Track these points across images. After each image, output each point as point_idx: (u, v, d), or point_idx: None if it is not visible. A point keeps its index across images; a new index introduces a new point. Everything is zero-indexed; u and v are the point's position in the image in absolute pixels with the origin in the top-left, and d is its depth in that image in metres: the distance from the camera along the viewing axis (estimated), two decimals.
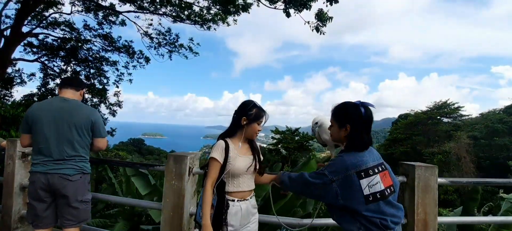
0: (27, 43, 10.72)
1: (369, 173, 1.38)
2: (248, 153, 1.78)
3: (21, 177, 2.78)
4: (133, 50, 11.68)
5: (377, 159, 1.46)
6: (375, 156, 1.47)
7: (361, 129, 1.45)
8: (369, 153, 1.46)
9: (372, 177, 1.39)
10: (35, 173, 2.00)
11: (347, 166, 1.39)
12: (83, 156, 2.08)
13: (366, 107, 1.48)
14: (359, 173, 1.38)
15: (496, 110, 27.70)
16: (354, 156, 1.42)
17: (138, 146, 47.50)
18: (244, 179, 1.74)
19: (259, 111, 1.76)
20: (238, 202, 1.70)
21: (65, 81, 2.21)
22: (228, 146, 1.71)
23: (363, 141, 1.45)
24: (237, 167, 1.69)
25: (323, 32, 7.66)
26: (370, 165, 1.40)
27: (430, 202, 2.12)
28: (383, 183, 1.40)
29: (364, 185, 1.37)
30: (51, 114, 2.01)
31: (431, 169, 2.14)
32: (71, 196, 1.99)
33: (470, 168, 20.16)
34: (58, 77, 11.52)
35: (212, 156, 1.69)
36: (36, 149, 2.03)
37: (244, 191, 1.73)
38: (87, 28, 11.14)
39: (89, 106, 2.29)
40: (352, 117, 1.47)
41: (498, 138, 22.80)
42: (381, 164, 1.46)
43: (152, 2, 10.12)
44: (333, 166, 1.43)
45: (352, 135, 1.47)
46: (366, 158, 1.42)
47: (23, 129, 2.08)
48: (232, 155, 1.70)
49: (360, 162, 1.40)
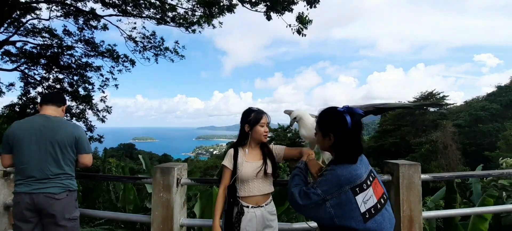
0: (4, 51, 10.30)
1: (363, 187, 1.26)
2: (257, 158, 1.85)
3: (4, 197, 2.68)
4: (117, 54, 11.39)
5: (367, 167, 1.34)
6: (365, 162, 1.36)
7: (347, 138, 1.30)
8: (361, 162, 1.33)
9: (366, 191, 1.26)
10: (19, 194, 1.95)
11: (341, 182, 1.25)
12: (69, 173, 2.04)
13: (353, 114, 1.32)
14: (354, 189, 1.24)
15: (479, 98, 28.72)
16: (348, 169, 1.28)
17: (129, 151, 46.65)
18: (255, 183, 1.79)
19: (257, 114, 1.85)
20: (252, 209, 1.75)
21: (46, 98, 2.16)
22: (236, 153, 1.83)
23: (352, 152, 1.31)
24: (244, 172, 1.77)
25: (304, 34, 7.78)
26: (364, 178, 1.27)
27: (415, 199, 2.18)
28: (376, 195, 1.28)
29: (359, 202, 1.23)
30: (33, 133, 1.96)
31: (414, 167, 2.20)
32: (58, 215, 1.95)
33: (456, 155, 20.85)
34: (40, 85, 11.13)
35: (223, 163, 1.84)
36: (19, 169, 1.98)
37: (256, 195, 1.78)
38: (67, 33, 10.79)
39: (72, 123, 2.24)
40: (335, 126, 1.33)
41: (481, 125, 23.67)
42: (371, 173, 1.34)
43: (135, 6, 9.91)
44: (325, 184, 1.28)
45: (338, 145, 1.33)
46: (360, 170, 1.28)
47: (4, 149, 2.02)
48: (239, 161, 1.80)
49: (354, 176, 1.26)
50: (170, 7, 9.78)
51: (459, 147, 21.96)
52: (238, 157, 1.82)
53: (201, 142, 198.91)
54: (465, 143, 23.57)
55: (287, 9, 7.36)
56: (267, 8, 7.65)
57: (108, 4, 9.80)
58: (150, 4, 9.83)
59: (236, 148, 1.87)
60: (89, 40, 11.06)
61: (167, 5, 9.76)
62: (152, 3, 9.75)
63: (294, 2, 7.35)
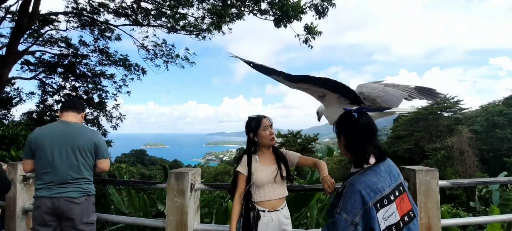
0: (24, 61, 10.76)
1: (384, 202, 1.11)
2: (271, 163, 1.86)
3: (23, 201, 2.77)
4: (129, 63, 11.72)
5: (394, 180, 1.19)
6: (393, 174, 1.19)
7: (358, 139, 1.21)
8: (384, 172, 1.18)
9: (388, 207, 1.12)
10: (40, 198, 2.01)
11: (363, 196, 1.10)
12: (88, 178, 2.10)
13: (363, 113, 1.24)
14: (376, 205, 1.10)
15: (496, 102, 27.73)
16: (366, 183, 1.13)
17: (141, 157, 47.39)
18: (270, 188, 1.80)
19: (257, 120, 1.87)
20: (269, 213, 1.76)
21: (66, 104, 2.24)
22: (250, 159, 1.85)
23: (364, 155, 1.20)
24: (259, 177, 1.78)
25: (311, 45, 7.75)
26: (386, 192, 1.14)
27: (433, 206, 2.12)
28: (399, 212, 1.14)
29: (380, 219, 1.10)
30: (54, 138, 2.03)
31: (431, 173, 2.14)
32: (77, 218, 2.00)
33: (473, 161, 20.11)
34: (57, 93, 11.53)
35: (237, 169, 1.85)
36: (40, 174, 2.04)
37: (272, 199, 1.79)
38: (83, 43, 11.20)
39: (91, 129, 2.32)
40: (344, 126, 1.27)
41: (498, 131, 22.79)
42: (399, 186, 1.18)
43: (146, 15, 10.20)
44: (347, 203, 1.11)
45: (349, 147, 1.25)
46: (381, 183, 1.14)
47: (26, 154, 2.10)
48: (254, 166, 1.82)
49: (375, 189, 1.12)
50: (180, 16, 10.02)
51: (476, 153, 21.17)
52: (252, 163, 1.83)
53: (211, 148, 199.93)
54: (482, 149, 22.70)
55: (296, 19, 7.36)
56: (276, 20, 7.69)
57: (120, 14, 10.14)
58: (161, 14, 10.11)
59: (249, 154, 1.88)
60: (103, 49, 11.44)
61: (178, 14, 10.00)
62: (163, 12, 10.02)
63: (303, 12, 7.36)
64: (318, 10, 7.28)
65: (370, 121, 1.25)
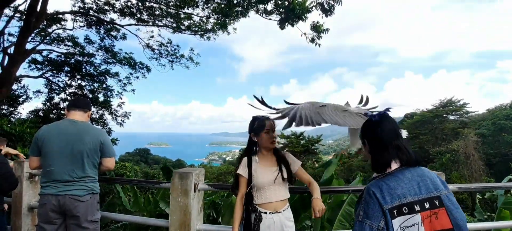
0: (31, 59, 10.91)
1: (403, 210, 1.03)
2: (271, 165, 1.84)
3: (29, 198, 2.80)
4: (134, 61, 11.82)
5: (427, 191, 1.08)
6: (425, 185, 1.09)
7: (378, 143, 1.16)
8: (412, 180, 1.09)
9: (408, 217, 1.03)
10: (46, 195, 2.02)
11: (379, 199, 1.06)
12: (92, 177, 2.11)
13: (385, 116, 1.19)
14: (392, 211, 1.04)
15: (503, 106, 27.32)
16: (382, 186, 1.09)
17: (144, 156, 47.70)
18: (272, 190, 1.78)
19: (260, 122, 1.83)
20: (270, 215, 1.73)
21: (73, 103, 2.24)
22: (250, 161, 1.82)
23: (383, 159, 1.13)
24: (260, 179, 1.76)
25: (318, 44, 7.67)
26: (408, 200, 1.05)
27: None
28: (427, 227, 1.02)
29: (395, 226, 1.02)
30: (60, 136, 2.04)
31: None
32: (81, 216, 2.01)
33: (479, 166, 19.80)
34: (63, 92, 11.68)
35: (238, 172, 1.82)
36: (46, 171, 2.06)
37: (274, 201, 1.76)
38: (88, 42, 11.31)
39: (97, 127, 2.33)
40: (367, 131, 1.22)
41: (506, 135, 22.44)
42: (433, 199, 1.06)
43: (151, 14, 10.27)
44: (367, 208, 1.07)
45: (371, 152, 1.20)
46: (401, 189, 1.07)
47: (33, 152, 2.11)
48: (254, 168, 1.80)
49: (392, 194, 1.06)
50: (186, 16, 10.07)
51: (482, 157, 20.85)
52: (252, 165, 1.81)
53: (214, 148, 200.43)
54: (489, 153, 22.37)
55: (301, 19, 7.30)
56: (281, 20, 7.64)
57: (126, 13, 10.23)
58: (166, 13, 10.17)
59: (249, 156, 1.86)
60: (109, 48, 11.55)
61: (183, 13, 10.05)
62: (169, 12, 10.08)
63: (309, 11, 7.31)
64: (324, 9, 7.22)
65: (393, 125, 1.18)
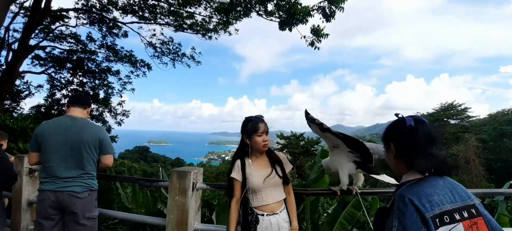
0: (35, 55, 10.97)
1: (445, 219, 0.93)
2: (265, 166, 1.81)
3: (28, 193, 2.82)
4: (135, 59, 11.85)
5: (461, 199, 1.00)
6: (458, 193, 1.01)
7: (413, 146, 1.04)
8: (445, 187, 1.01)
9: (450, 226, 0.93)
10: (44, 191, 2.03)
11: (418, 207, 0.94)
12: (91, 173, 2.12)
13: (418, 120, 1.08)
14: (435, 220, 0.93)
15: (505, 111, 27.23)
16: (418, 192, 0.98)
17: (144, 154, 47.76)
18: (267, 192, 1.76)
19: (253, 124, 1.79)
20: (268, 217, 1.73)
21: (72, 99, 2.25)
22: (244, 164, 1.79)
23: (421, 162, 1.02)
24: (255, 182, 1.74)
25: (318, 47, 7.67)
26: (447, 208, 0.96)
27: None
28: None
29: None
30: (60, 133, 2.05)
31: None
32: (79, 213, 2.02)
33: (479, 171, 19.75)
34: (65, 88, 11.73)
35: (232, 176, 1.79)
36: (45, 167, 2.07)
37: (270, 203, 1.75)
38: (90, 39, 11.36)
39: (96, 124, 2.34)
40: (396, 134, 1.11)
41: (507, 140, 22.36)
42: (470, 208, 0.98)
43: (153, 13, 10.29)
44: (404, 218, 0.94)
45: (400, 154, 1.09)
46: (439, 196, 0.98)
47: (32, 147, 2.12)
48: (248, 171, 1.77)
49: (431, 201, 0.95)
50: (188, 15, 10.09)
51: (482, 162, 20.80)
52: (246, 168, 1.78)
53: (214, 147, 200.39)
54: (489, 158, 22.30)
55: (302, 22, 7.29)
56: (281, 22, 7.62)
57: (128, 11, 10.26)
58: (168, 12, 10.18)
59: (242, 158, 1.82)
60: (111, 46, 11.59)
61: (185, 12, 10.07)
62: (171, 10, 10.10)
63: (310, 15, 7.30)
64: (325, 14, 7.21)
65: (430, 130, 1.07)
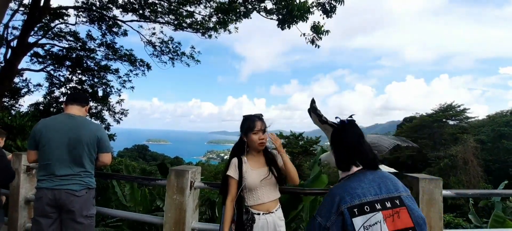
0: (34, 53, 10.93)
1: (365, 209, 1.07)
2: (261, 165, 1.82)
3: (26, 191, 2.81)
4: (134, 58, 11.82)
5: (387, 191, 1.13)
6: (386, 186, 1.15)
7: (341, 147, 1.26)
8: (372, 181, 1.15)
9: (369, 215, 1.07)
10: (42, 189, 2.02)
11: (336, 201, 1.11)
12: (89, 171, 2.10)
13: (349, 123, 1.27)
14: (351, 210, 1.08)
15: (503, 112, 27.31)
16: (344, 187, 1.15)
17: (143, 152, 47.72)
18: (263, 190, 1.76)
19: (250, 122, 1.80)
20: (264, 215, 1.72)
21: (70, 97, 2.24)
22: (241, 162, 1.79)
23: (345, 159, 1.22)
24: (251, 180, 1.74)
25: (318, 45, 7.58)
26: (369, 199, 1.10)
27: (435, 215, 2.08)
28: (389, 225, 1.06)
29: (357, 225, 1.06)
30: (57, 131, 2.04)
31: (435, 182, 2.10)
32: (77, 211, 2.01)
33: (477, 171, 19.81)
34: (63, 86, 11.69)
35: (228, 173, 1.78)
36: (43, 165, 2.06)
37: (265, 202, 1.75)
38: (90, 37, 11.32)
39: (95, 122, 2.33)
40: (333, 136, 1.34)
41: (505, 141, 22.43)
42: (394, 199, 1.12)
43: (153, 11, 10.25)
44: (323, 207, 1.15)
45: (336, 156, 1.28)
46: (362, 189, 1.12)
47: (30, 145, 2.11)
48: (244, 169, 1.76)
49: (352, 194, 1.11)
50: (188, 14, 10.06)
51: (481, 163, 20.84)
52: (243, 166, 1.78)
53: (213, 146, 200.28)
54: (487, 159, 22.34)
55: (302, 19, 7.21)
56: (279, 20, 7.55)
57: (128, 9, 10.23)
58: (168, 11, 10.15)
59: (239, 157, 1.82)
60: (110, 44, 11.56)
61: (185, 11, 10.04)
62: (171, 9, 10.07)
63: (309, 11, 7.22)
64: (325, 9, 7.13)
65: (355, 131, 1.25)
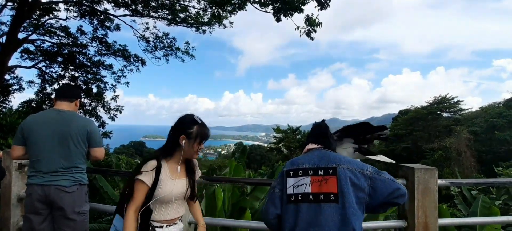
0: (24, 49, 10.69)
1: (298, 173, 1.36)
2: (182, 175, 1.55)
3: (18, 189, 2.75)
4: (128, 53, 11.63)
5: (325, 162, 1.35)
6: (327, 159, 1.37)
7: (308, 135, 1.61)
8: (313, 155, 1.42)
9: (300, 178, 1.34)
10: (31, 186, 1.99)
11: (283, 168, 1.44)
12: (80, 167, 2.06)
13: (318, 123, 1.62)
14: (288, 172, 1.38)
15: (496, 104, 27.71)
16: (293, 159, 1.46)
17: (139, 149, 47.52)
18: (174, 205, 1.52)
19: (203, 129, 1.51)
20: (167, 228, 1.50)
21: (59, 92, 2.18)
22: (160, 167, 1.46)
23: (303, 146, 1.57)
24: (168, 192, 1.45)
25: (312, 37, 7.64)
26: (304, 166, 1.37)
27: (430, 205, 2.10)
28: (313, 187, 1.29)
29: (289, 184, 1.35)
30: (46, 126, 1.99)
31: (430, 171, 2.11)
32: (67, 207, 1.97)
33: (470, 162, 20.19)
34: (56, 82, 11.48)
35: (139, 177, 1.43)
36: (32, 161, 2.02)
37: (172, 218, 1.52)
38: (81, 32, 11.08)
39: (84, 117, 2.27)
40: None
41: (498, 132, 22.82)
42: (328, 168, 1.32)
43: (146, 6, 10.07)
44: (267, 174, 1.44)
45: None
46: (303, 159, 1.41)
47: (16, 141, 2.06)
48: (163, 177, 1.46)
49: (294, 162, 1.42)
50: (181, 8, 9.91)
51: (474, 154, 21.23)
52: (162, 173, 1.46)
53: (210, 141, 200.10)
54: (480, 151, 22.75)
55: (296, 10, 7.24)
56: (275, 10, 7.55)
57: (120, 4, 10.03)
58: (161, 5, 9.98)
59: (159, 160, 1.48)
60: (103, 39, 11.35)
61: (179, 5, 9.89)
62: (164, 4, 9.90)
63: (304, 3, 7.24)
64: (320, 2, 7.15)
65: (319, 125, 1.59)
